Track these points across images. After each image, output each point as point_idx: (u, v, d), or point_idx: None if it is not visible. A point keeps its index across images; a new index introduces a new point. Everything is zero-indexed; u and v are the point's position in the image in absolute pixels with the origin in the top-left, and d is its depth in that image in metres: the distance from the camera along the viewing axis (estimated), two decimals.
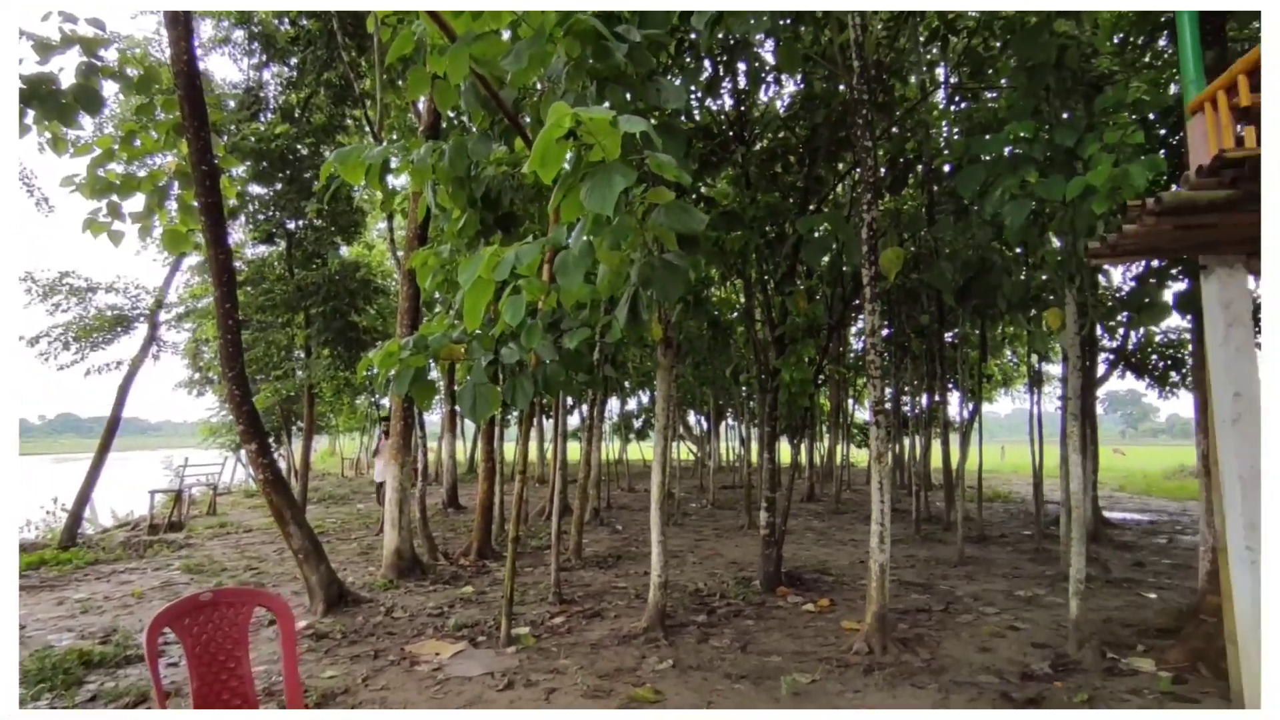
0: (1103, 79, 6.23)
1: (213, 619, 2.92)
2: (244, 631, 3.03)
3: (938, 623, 6.51)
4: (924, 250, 7.84)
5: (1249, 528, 3.96)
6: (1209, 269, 4.03)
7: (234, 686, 2.92)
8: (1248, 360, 3.95)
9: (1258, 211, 3.28)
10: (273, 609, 3.25)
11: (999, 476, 24.90)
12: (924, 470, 15.24)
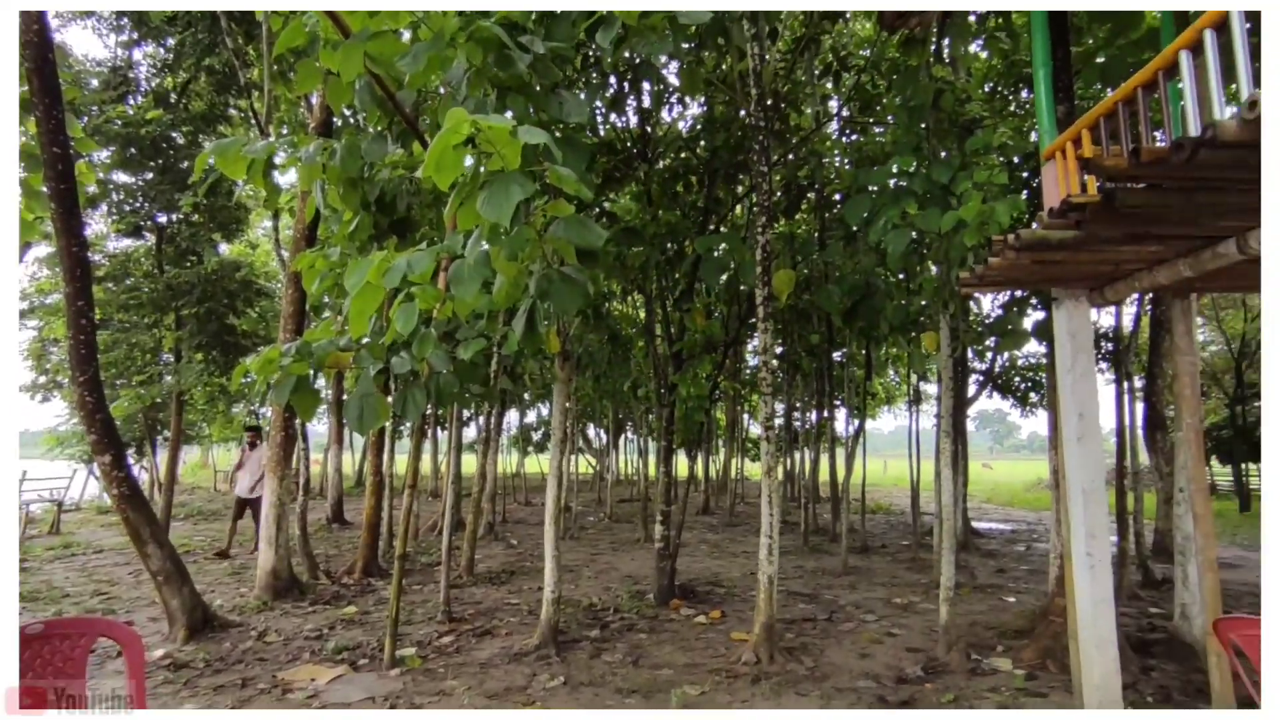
0: (974, 123, 6.76)
1: (42, 654, 2.61)
2: (81, 666, 2.72)
3: (822, 631, 6.77)
4: (815, 273, 8.22)
5: (1090, 535, 4.37)
6: (1059, 301, 4.44)
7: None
8: (1089, 384, 4.37)
9: (1100, 250, 3.65)
10: (117, 639, 2.94)
11: (881, 490, 26.33)
12: (813, 484, 15.89)
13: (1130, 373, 9.68)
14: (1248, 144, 2.37)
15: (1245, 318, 17.45)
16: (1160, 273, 3.86)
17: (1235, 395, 18.13)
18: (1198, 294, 5.48)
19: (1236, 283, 4.73)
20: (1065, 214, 3.09)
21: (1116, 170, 2.68)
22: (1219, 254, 3.42)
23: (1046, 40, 4.56)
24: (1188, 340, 4.65)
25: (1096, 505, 4.35)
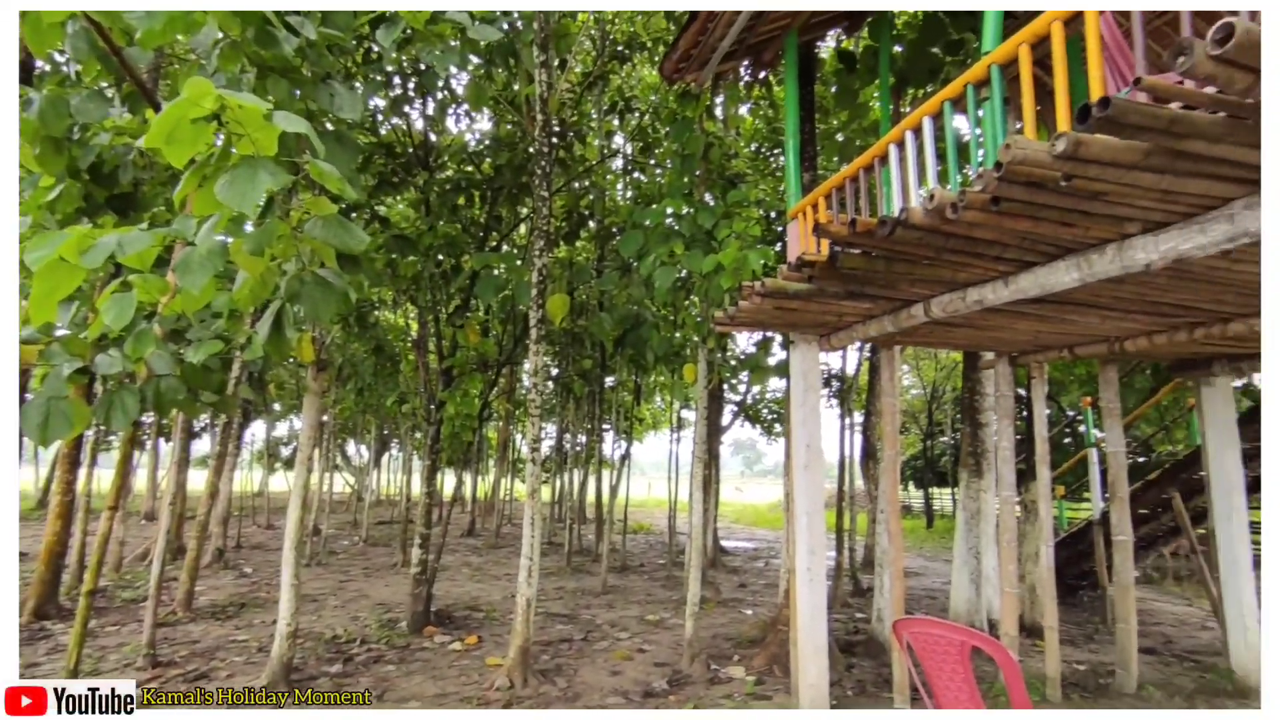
0: (738, 177, 7.51)
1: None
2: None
3: (578, 651, 6.87)
4: (590, 300, 8.49)
5: (810, 552, 4.96)
6: (795, 344, 5.04)
7: None
8: (816, 419, 5.01)
9: (827, 303, 4.21)
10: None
11: (645, 511, 27.61)
12: (580, 505, 16.21)
13: (851, 409, 11.25)
14: (929, 228, 2.90)
15: (936, 368, 21.17)
16: (871, 326, 4.55)
17: (927, 431, 21.85)
18: (900, 346, 6.53)
19: (930, 339, 5.72)
20: (800, 268, 3.53)
21: (839, 235, 3.12)
22: (912, 315, 4.13)
23: (797, 115, 5.21)
24: (890, 385, 5.51)
25: (817, 525, 4.96)
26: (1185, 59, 1.76)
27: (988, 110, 3.23)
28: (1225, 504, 5.86)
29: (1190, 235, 2.59)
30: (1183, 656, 6.99)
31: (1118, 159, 2.22)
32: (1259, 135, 2.10)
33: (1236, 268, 3.19)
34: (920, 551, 16.20)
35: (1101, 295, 3.75)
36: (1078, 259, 3.04)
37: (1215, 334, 4.32)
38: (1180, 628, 8.34)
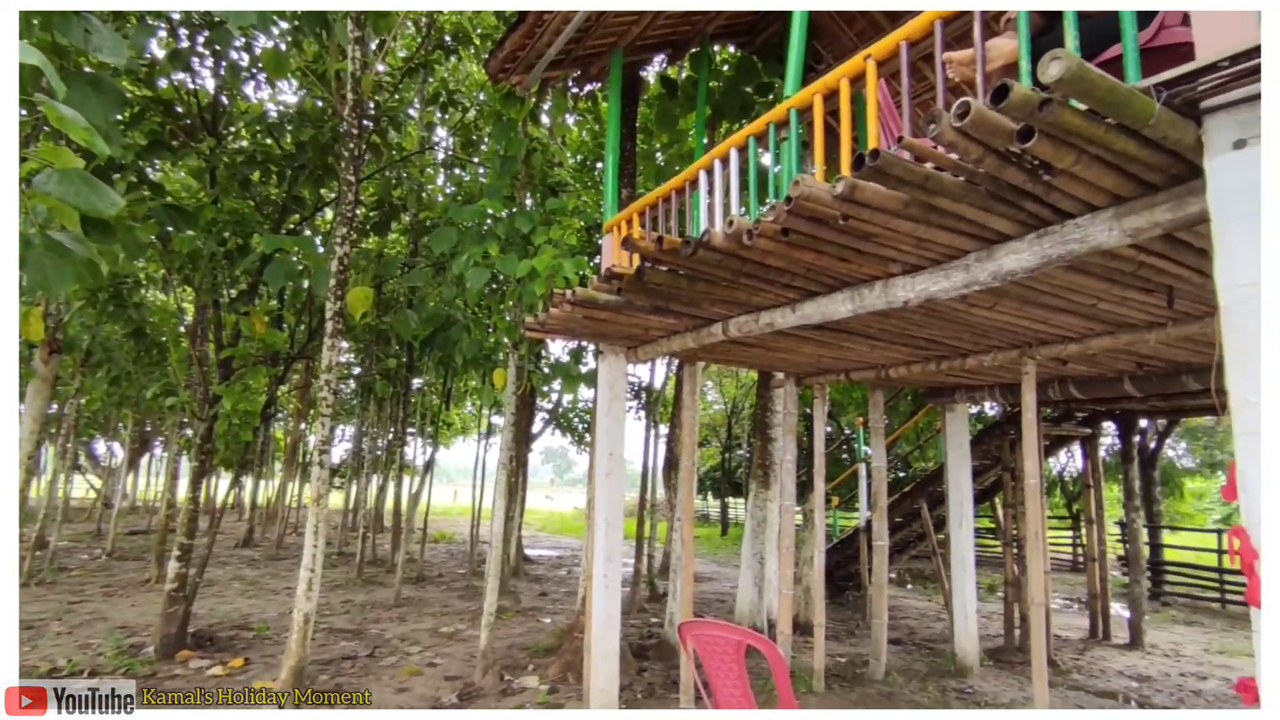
0: (560, 185, 7.53)
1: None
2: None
3: (362, 668, 6.42)
4: (399, 297, 8.05)
5: (607, 559, 5.04)
6: (604, 354, 5.13)
7: None
8: (620, 428, 5.12)
9: (635, 316, 4.33)
10: None
11: (449, 519, 26.64)
12: (378, 512, 15.25)
13: (658, 420, 11.69)
14: (728, 251, 3.09)
15: (737, 385, 22.70)
16: (675, 341, 4.76)
17: (726, 444, 23.33)
18: (702, 362, 6.90)
19: (729, 357, 6.09)
20: (609, 280, 3.60)
21: (646, 251, 3.22)
22: (712, 333, 4.38)
23: (618, 132, 5.34)
24: (691, 399, 5.80)
25: (615, 532, 5.07)
26: (935, 126, 2.03)
27: (785, 149, 3.51)
28: (958, 513, 6.85)
29: (938, 279, 2.99)
30: (921, 645, 8.04)
31: (884, 205, 2.51)
32: (987, 200, 2.47)
33: (973, 310, 3.74)
34: (715, 558, 17.18)
35: (871, 326, 4.23)
36: (852, 292, 3.40)
37: (956, 366, 5.04)
38: (921, 620, 9.60)
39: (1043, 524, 8.03)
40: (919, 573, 13.84)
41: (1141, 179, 2.28)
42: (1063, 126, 1.94)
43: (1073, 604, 11.03)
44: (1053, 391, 5.81)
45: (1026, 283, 3.26)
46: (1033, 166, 2.23)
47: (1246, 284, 1.92)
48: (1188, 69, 1.91)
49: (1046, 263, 2.61)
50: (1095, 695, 6.29)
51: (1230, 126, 1.97)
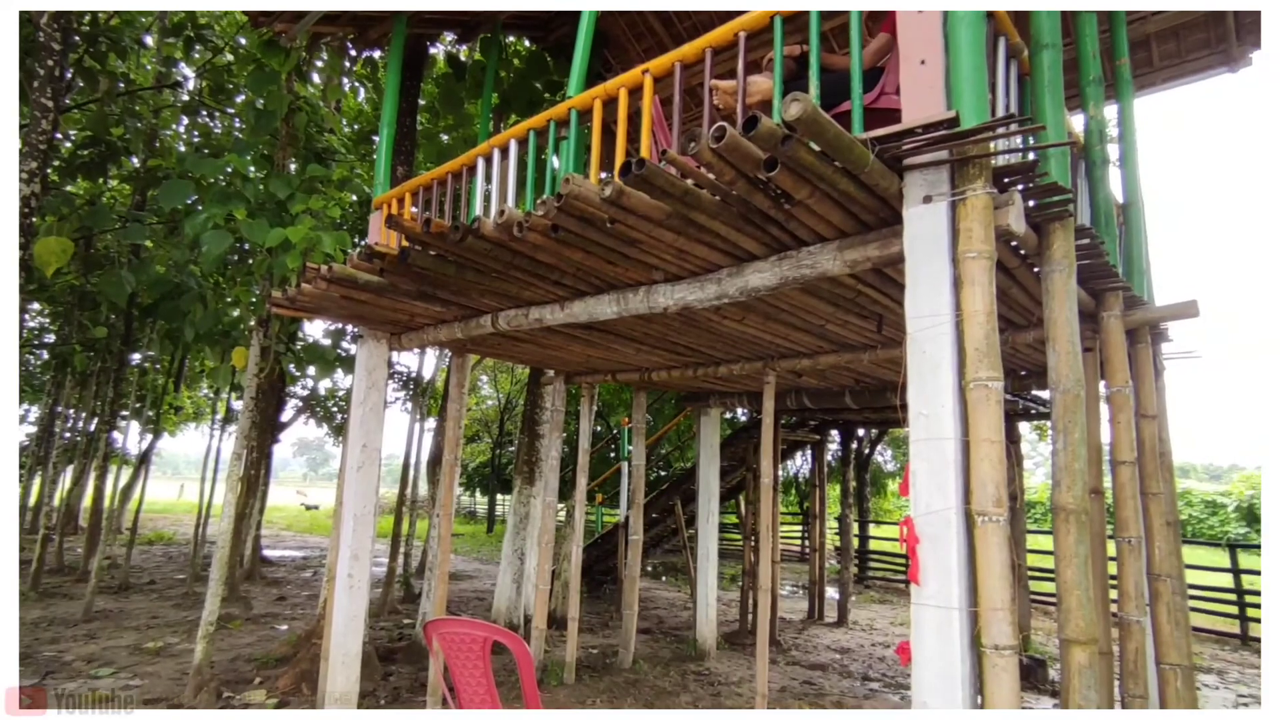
0: (330, 152, 6.89)
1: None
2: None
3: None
4: (114, 254, 6.79)
5: (354, 558, 4.70)
6: (364, 339, 4.79)
7: None
8: (377, 419, 4.81)
9: (399, 300, 4.09)
10: None
11: (171, 517, 23.17)
12: (70, 510, 12.75)
13: (425, 413, 11.19)
14: (499, 241, 3.03)
15: (512, 380, 22.54)
16: (443, 331, 4.58)
17: (497, 440, 23.05)
18: (473, 354, 6.73)
19: (499, 351, 5.99)
20: (370, 259, 3.36)
21: (411, 231, 3.05)
22: (481, 324, 4.28)
23: (396, 104, 5.02)
24: (459, 391, 5.62)
25: (364, 529, 4.74)
26: (695, 145, 2.16)
27: (565, 147, 3.55)
28: (706, 509, 7.42)
29: (695, 290, 3.20)
30: (668, 633, 8.58)
31: (649, 214, 2.63)
32: (739, 221, 2.70)
33: (725, 322, 4.07)
34: (479, 555, 16.87)
35: (636, 330, 4.42)
36: (618, 295, 3.52)
37: (711, 373, 5.46)
38: (670, 610, 10.25)
39: (775, 519, 9.00)
40: (673, 565, 14.78)
41: (860, 218, 2.64)
42: (800, 161, 2.17)
43: (799, 590, 12.49)
44: (790, 401, 6.54)
45: (769, 300, 3.62)
46: (776, 195, 2.47)
47: (928, 315, 2.29)
48: (894, 130, 2.25)
49: (785, 283, 2.91)
50: (808, 668, 7.17)
51: (921, 184, 2.35)
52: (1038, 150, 2.68)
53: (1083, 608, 2.58)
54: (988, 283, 2.19)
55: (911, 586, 2.24)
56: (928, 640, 2.18)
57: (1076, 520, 2.61)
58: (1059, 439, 2.68)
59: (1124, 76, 4.46)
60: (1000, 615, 2.09)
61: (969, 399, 2.18)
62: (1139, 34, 5.26)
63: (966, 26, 2.34)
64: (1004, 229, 2.30)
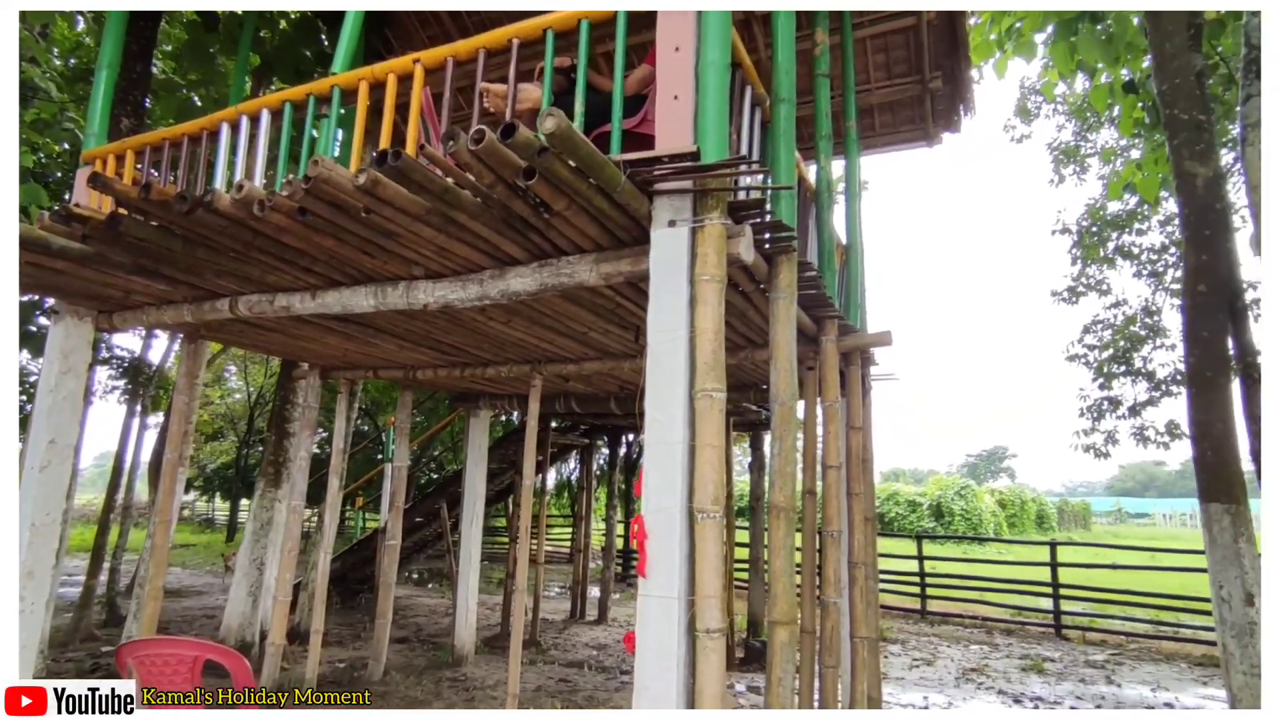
0: (31, 87, 5.73)
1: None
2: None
3: None
4: None
5: (30, 575, 3.94)
6: (60, 315, 4.05)
7: None
8: (71, 409, 4.08)
9: (109, 273, 3.52)
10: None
11: None
12: None
13: (150, 406, 9.69)
14: (236, 218, 2.75)
15: (266, 373, 20.32)
16: (168, 312, 4.02)
17: (244, 439, 20.62)
18: (209, 341, 5.98)
19: (242, 339, 5.39)
20: (66, 222, 2.86)
21: (125, 195, 2.66)
22: (217, 309, 3.83)
23: (120, 43, 4.31)
24: (188, 381, 4.96)
25: (45, 542, 3.98)
26: (453, 144, 2.15)
27: (325, 127, 3.32)
28: (470, 511, 7.30)
29: (456, 289, 3.16)
30: (427, 640, 8.28)
31: (407, 208, 2.55)
32: (500, 224, 2.73)
33: (490, 324, 4.06)
34: (213, 567, 14.95)
35: (398, 325, 4.24)
36: (376, 288, 3.36)
37: (479, 374, 5.40)
38: (431, 617, 9.90)
39: (538, 521, 9.11)
40: (439, 571, 14.29)
41: (616, 234, 2.79)
42: (556, 174, 2.26)
43: (566, 590, 12.73)
44: (559, 405, 6.68)
45: (534, 305, 3.68)
46: (536, 203, 2.53)
47: (666, 330, 2.50)
48: (643, 156, 2.43)
49: (545, 289, 2.98)
50: (566, 666, 7.33)
51: (668, 208, 2.56)
52: (770, 190, 3.04)
53: (788, 593, 2.96)
54: (717, 304, 2.44)
55: (639, 579, 2.41)
56: (651, 628, 2.37)
57: (786, 517, 2.99)
58: (775, 445, 3.05)
59: (851, 136, 5.22)
60: (712, 602, 2.33)
61: (697, 407, 2.41)
62: (865, 103, 6.17)
63: (715, 71, 2.59)
64: (735, 257, 2.58)
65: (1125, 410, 10.76)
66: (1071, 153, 11.52)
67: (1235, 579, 4.70)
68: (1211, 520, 4.85)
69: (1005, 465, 67.77)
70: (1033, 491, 37.47)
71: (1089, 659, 8.34)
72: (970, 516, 26.80)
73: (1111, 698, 6.71)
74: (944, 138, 6.49)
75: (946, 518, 26.83)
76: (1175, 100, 5.16)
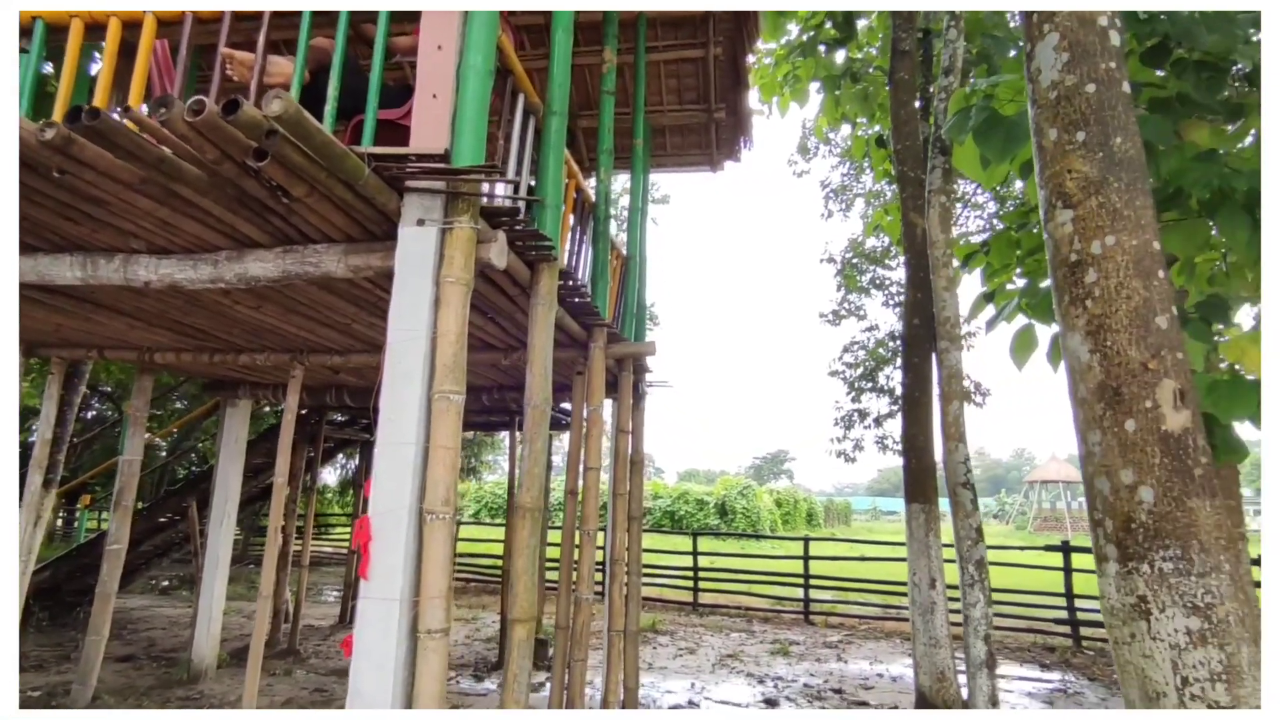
0: None
1: None
2: None
3: None
4: None
5: None
6: None
7: None
8: None
9: None
10: None
11: None
12: None
13: None
14: None
15: None
16: None
17: None
18: None
19: None
20: None
21: None
22: None
23: None
24: None
25: None
26: (165, 111, 1.96)
27: (25, 63, 2.85)
28: (220, 511, 6.61)
29: (185, 268, 2.87)
30: (160, 656, 7.35)
31: (115, 174, 2.28)
32: (234, 204, 2.53)
33: (238, 308, 3.73)
34: None
35: (124, 302, 3.75)
36: (85, 258, 2.95)
37: (232, 361, 4.93)
38: (170, 629, 8.81)
39: (306, 520, 8.51)
40: (190, 578, 12.74)
41: (366, 227, 2.71)
42: (289, 159, 2.14)
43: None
44: (331, 398, 6.28)
45: (287, 292, 3.45)
46: (273, 186, 2.39)
47: (408, 329, 2.47)
48: (391, 152, 2.39)
49: (289, 277, 2.81)
50: (324, 675, 6.89)
51: (418, 207, 2.53)
52: (531, 199, 3.11)
53: (528, 592, 3.04)
54: (461, 306, 2.46)
55: (361, 582, 2.36)
56: (371, 631, 2.33)
57: (531, 517, 3.08)
58: (525, 447, 3.13)
59: (638, 153, 5.48)
60: (436, 603, 2.34)
61: (434, 409, 2.41)
62: (658, 124, 6.52)
63: (476, 76, 2.61)
64: (486, 261, 2.61)
65: (871, 421, 12.35)
66: (840, 191, 13.03)
67: (924, 566, 5.61)
68: (911, 518, 5.74)
69: (786, 468, 74.55)
70: (806, 492, 41.63)
71: (826, 640, 9.44)
72: (750, 514, 29.11)
73: (838, 672, 7.66)
74: (727, 165, 7.04)
75: (730, 515, 28.92)
76: (906, 159, 6.06)
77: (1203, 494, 1.45)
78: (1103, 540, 1.59)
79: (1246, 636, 1.35)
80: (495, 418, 8.44)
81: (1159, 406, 1.51)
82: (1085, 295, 1.65)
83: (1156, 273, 1.59)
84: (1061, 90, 1.72)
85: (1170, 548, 1.44)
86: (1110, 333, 1.59)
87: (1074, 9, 1.75)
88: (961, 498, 3.57)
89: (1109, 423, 1.56)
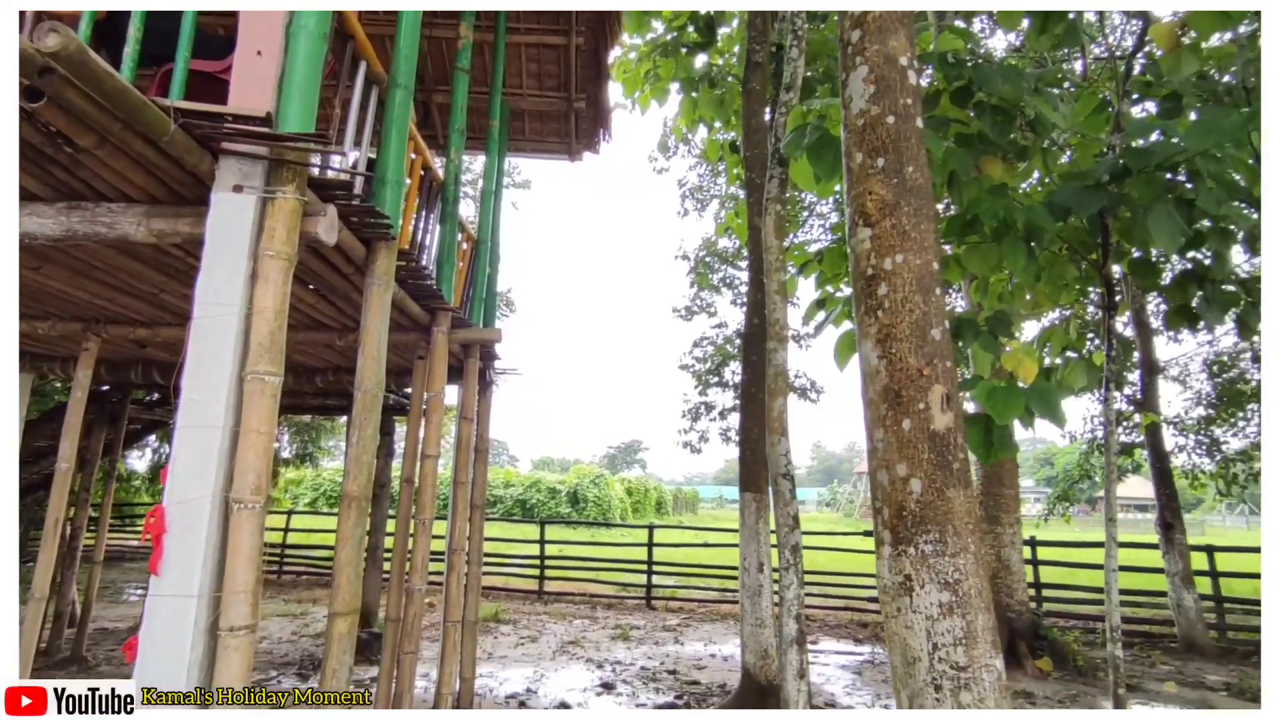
0: None
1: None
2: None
3: None
4: None
5: None
6: None
7: None
8: None
9: None
10: None
11: None
12: None
13: None
14: None
15: None
16: None
17: None
18: None
19: None
20: None
21: None
22: None
23: None
24: None
25: None
26: None
27: None
28: None
29: None
30: None
31: None
32: None
33: None
34: None
35: None
36: None
37: None
38: None
39: (103, 509, 7.62)
40: None
41: (173, 189, 2.46)
42: (71, 104, 1.90)
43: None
44: (136, 374, 5.63)
45: (75, 254, 3.06)
46: (52, 132, 2.11)
47: (218, 304, 2.27)
48: (204, 108, 2.18)
49: (73, 236, 2.49)
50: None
51: (235, 172, 2.34)
52: (367, 174, 2.96)
53: (352, 584, 2.91)
54: (282, 282, 2.30)
55: (151, 579, 2.16)
56: (161, 630, 2.14)
57: (358, 506, 2.95)
58: (354, 434, 2.99)
59: (493, 135, 5.37)
60: (241, 598, 2.19)
61: (246, 390, 2.25)
62: (518, 107, 6.41)
63: (307, 37, 2.44)
64: (313, 236, 2.46)
65: (716, 414, 12.92)
66: (697, 191, 13.48)
67: (754, 552, 5.97)
68: (744, 506, 6.08)
69: (639, 457, 76.16)
70: (657, 481, 42.80)
71: (666, 624, 9.80)
72: (602, 503, 29.50)
73: (674, 654, 7.98)
74: (586, 156, 7.06)
75: (582, 504, 29.15)
76: (754, 166, 6.38)
77: (958, 485, 1.67)
78: (881, 527, 1.78)
79: (983, 606, 1.58)
80: (333, 401, 7.96)
81: (930, 409, 1.72)
82: (878, 306, 1.84)
83: (934, 290, 1.81)
84: (867, 119, 1.90)
85: (931, 532, 1.65)
86: (895, 341, 1.79)
87: (881, 49, 1.92)
88: (781, 487, 3.84)
89: (890, 422, 1.76)
